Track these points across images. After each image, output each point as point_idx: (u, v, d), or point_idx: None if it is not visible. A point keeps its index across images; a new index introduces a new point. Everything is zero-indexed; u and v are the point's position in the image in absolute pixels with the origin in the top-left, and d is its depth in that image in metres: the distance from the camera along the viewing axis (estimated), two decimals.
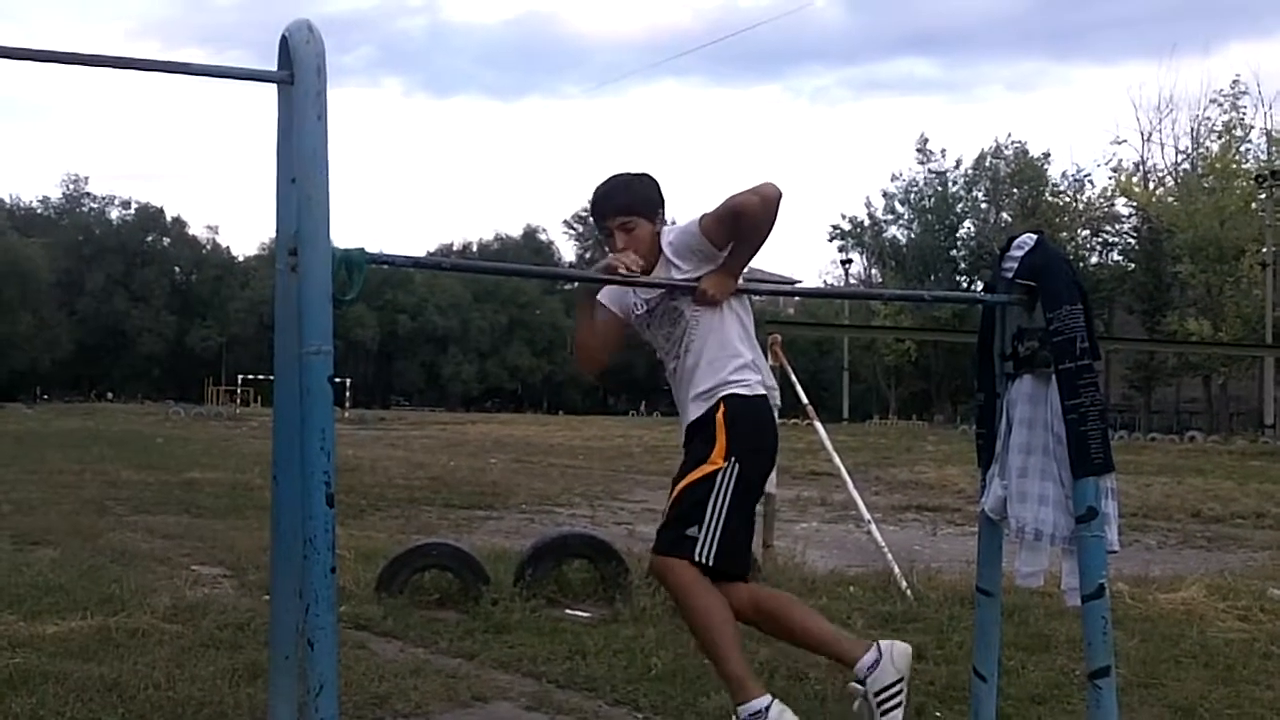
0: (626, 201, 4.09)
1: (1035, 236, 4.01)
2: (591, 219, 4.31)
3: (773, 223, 3.80)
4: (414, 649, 6.42)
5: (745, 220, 3.77)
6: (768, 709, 3.65)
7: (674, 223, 4.15)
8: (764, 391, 3.95)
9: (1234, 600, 8.00)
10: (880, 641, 3.87)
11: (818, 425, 8.98)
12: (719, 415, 3.83)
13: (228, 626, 6.54)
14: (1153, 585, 8.53)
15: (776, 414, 4.07)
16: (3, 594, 7.26)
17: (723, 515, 3.75)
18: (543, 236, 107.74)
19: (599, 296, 4.31)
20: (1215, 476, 22.05)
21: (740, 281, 3.96)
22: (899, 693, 3.80)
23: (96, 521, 11.75)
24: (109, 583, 7.78)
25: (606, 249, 4.18)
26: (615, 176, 4.21)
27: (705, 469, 3.78)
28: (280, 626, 3.39)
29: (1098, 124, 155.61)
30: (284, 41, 3.09)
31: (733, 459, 3.78)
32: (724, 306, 3.91)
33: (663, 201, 4.16)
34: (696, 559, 3.74)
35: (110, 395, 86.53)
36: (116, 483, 16.58)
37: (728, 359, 3.90)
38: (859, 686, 3.80)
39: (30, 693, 5.06)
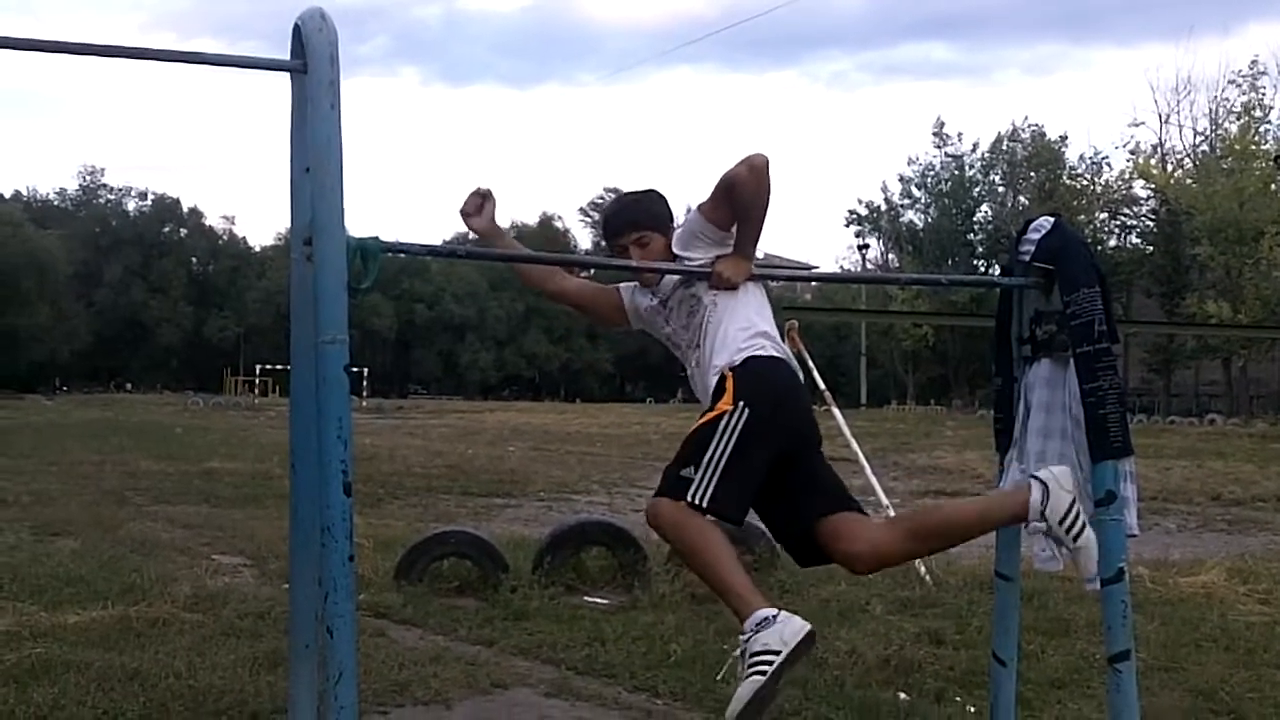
0: (637, 217, 4.08)
1: (1052, 219, 3.99)
2: (604, 241, 4.25)
3: (767, 191, 3.76)
4: (433, 636, 6.45)
5: (738, 191, 3.75)
6: (775, 616, 3.44)
7: (689, 210, 4.14)
8: (778, 355, 3.85)
9: (1255, 583, 7.98)
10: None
11: (835, 411, 8.97)
12: (728, 374, 3.73)
13: (248, 615, 6.57)
14: (1173, 569, 8.51)
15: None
16: (24, 584, 7.32)
17: (723, 458, 3.54)
18: (559, 224, 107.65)
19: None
20: (1235, 459, 21.97)
21: (756, 267, 3.95)
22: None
23: (117, 512, 11.81)
24: (129, 572, 7.82)
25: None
26: (625, 195, 4.26)
27: (710, 415, 3.64)
28: (300, 615, 3.40)
29: (1115, 106, 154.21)
30: (297, 30, 3.09)
31: (740, 403, 3.62)
32: (741, 290, 3.89)
33: (672, 216, 4.15)
34: (690, 500, 3.51)
35: (129, 386, 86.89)
36: (136, 473, 16.66)
37: (741, 333, 3.84)
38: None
39: (52, 682, 5.10)
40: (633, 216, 4.09)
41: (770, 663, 3.31)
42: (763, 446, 3.62)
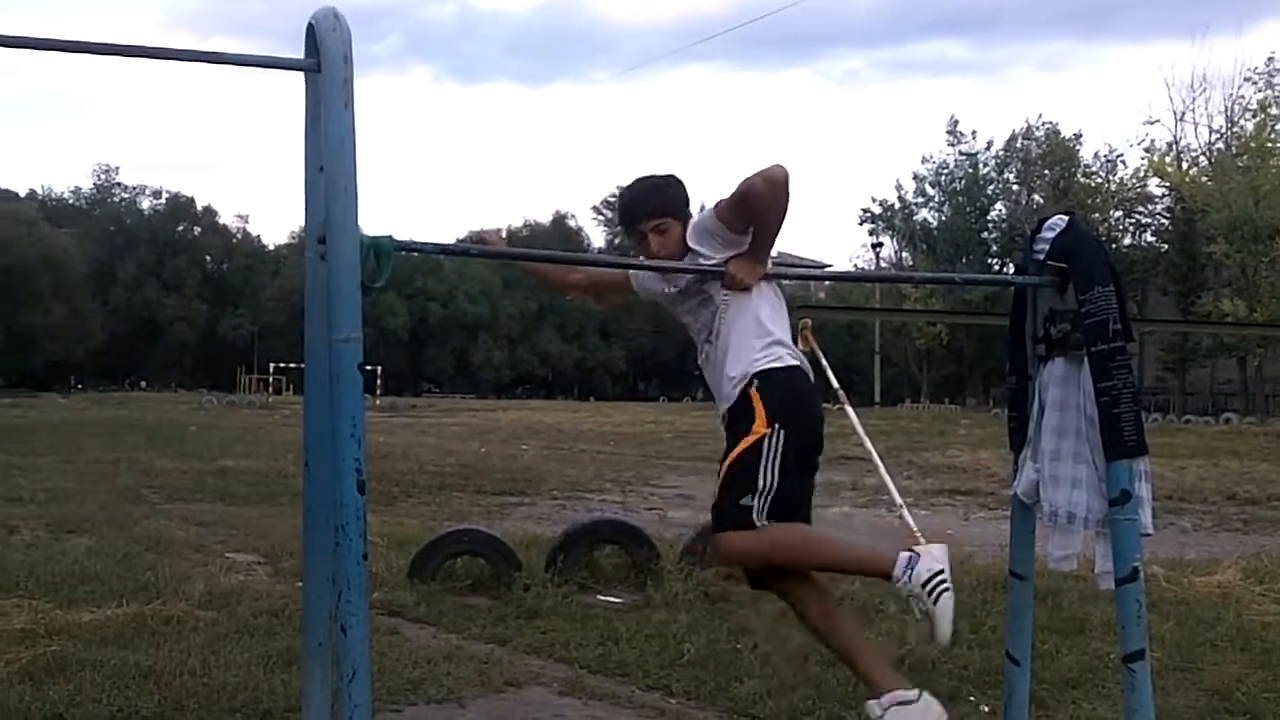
0: (658, 204, 4.05)
1: (1067, 218, 3.98)
2: (621, 225, 4.24)
3: (784, 205, 3.77)
4: (447, 635, 6.45)
5: (754, 204, 3.76)
6: (914, 566, 3.68)
7: (703, 208, 4.11)
8: (796, 363, 3.91)
9: (1271, 583, 7.94)
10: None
11: (849, 410, 8.95)
12: (753, 391, 3.80)
13: (262, 613, 6.58)
14: (1188, 568, 8.48)
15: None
16: (40, 582, 7.34)
17: (775, 481, 3.70)
18: (572, 223, 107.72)
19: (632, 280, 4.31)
20: (1251, 459, 21.89)
21: (770, 266, 3.94)
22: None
23: (131, 510, 11.85)
24: (144, 570, 7.85)
25: (636, 253, 4.16)
26: (642, 180, 4.17)
27: (750, 439, 3.74)
28: (313, 613, 3.40)
29: (1130, 104, 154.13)
30: (310, 30, 3.09)
31: (776, 425, 3.74)
32: (754, 290, 3.89)
33: (688, 202, 4.14)
34: (757, 526, 3.68)
35: (144, 384, 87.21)
36: (151, 471, 16.71)
37: (755, 339, 3.87)
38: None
39: (68, 680, 5.11)
40: (653, 203, 4.06)
41: (943, 583, 3.69)
42: (803, 459, 3.82)
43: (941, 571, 3.69)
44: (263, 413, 45.91)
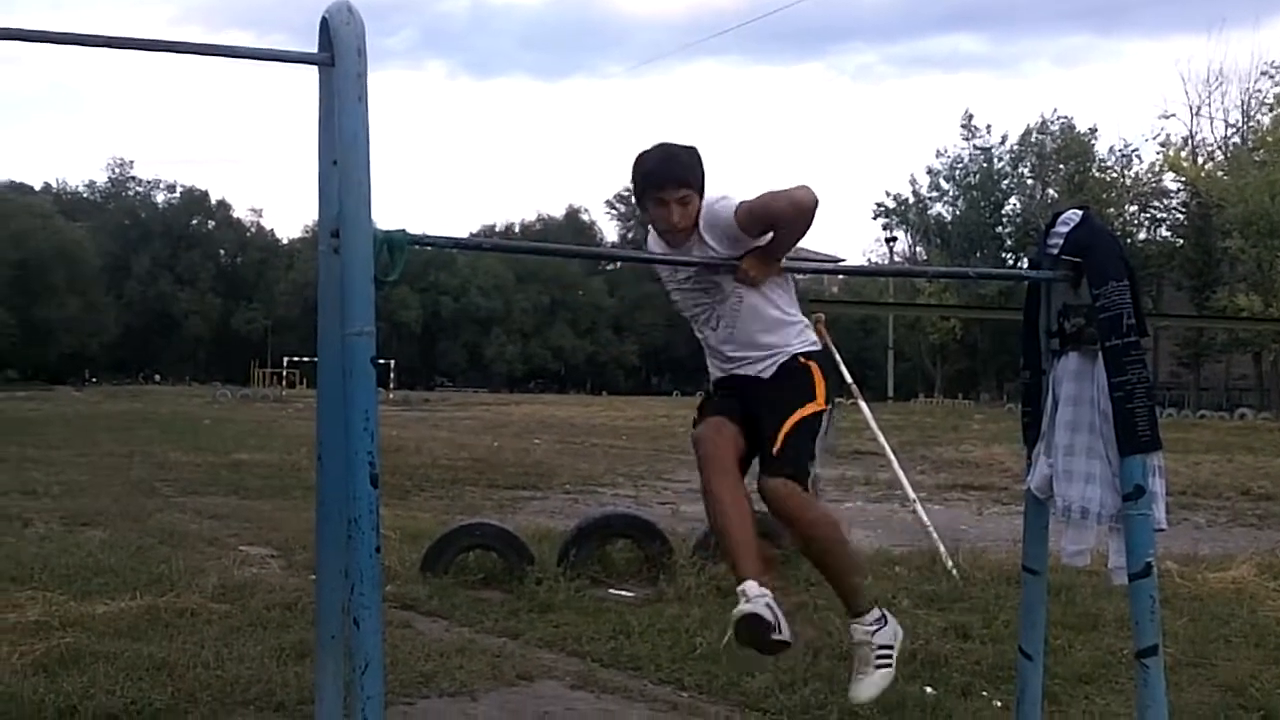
0: (685, 175, 3.95)
1: (1081, 212, 3.96)
2: (640, 189, 4.06)
3: (806, 228, 3.82)
4: (459, 628, 6.46)
5: (776, 221, 3.79)
6: (886, 616, 3.98)
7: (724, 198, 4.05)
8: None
9: None
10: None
11: (862, 404, 8.95)
12: (813, 365, 4.02)
13: (275, 606, 6.60)
14: (1202, 564, 8.46)
15: None
16: (54, 574, 7.37)
17: (815, 450, 3.99)
18: (585, 217, 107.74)
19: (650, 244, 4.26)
20: (1266, 454, 21.84)
21: (784, 260, 3.95)
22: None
23: (145, 503, 11.89)
24: (158, 563, 7.87)
25: (652, 223, 4.06)
26: (665, 146, 4.04)
27: (813, 408, 3.95)
28: (326, 606, 3.41)
29: (1145, 98, 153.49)
30: (324, 23, 3.10)
31: (829, 407, 4.10)
32: (768, 284, 3.91)
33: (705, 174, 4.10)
34: (809, 482, 3.94)
35: (158, 378, 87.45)
36: (164, 464, 16.77)
37: (788, 324, 4.03)
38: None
39: (81, 671, 5.13)
40: (682, 173, 3.96)
41: (891, 658, 3.93)
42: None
43: (893, 648, 3.95)
44: (276, 406, 46.02)
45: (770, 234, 3.84)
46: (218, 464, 16.88)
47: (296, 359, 66.25)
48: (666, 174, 3.95)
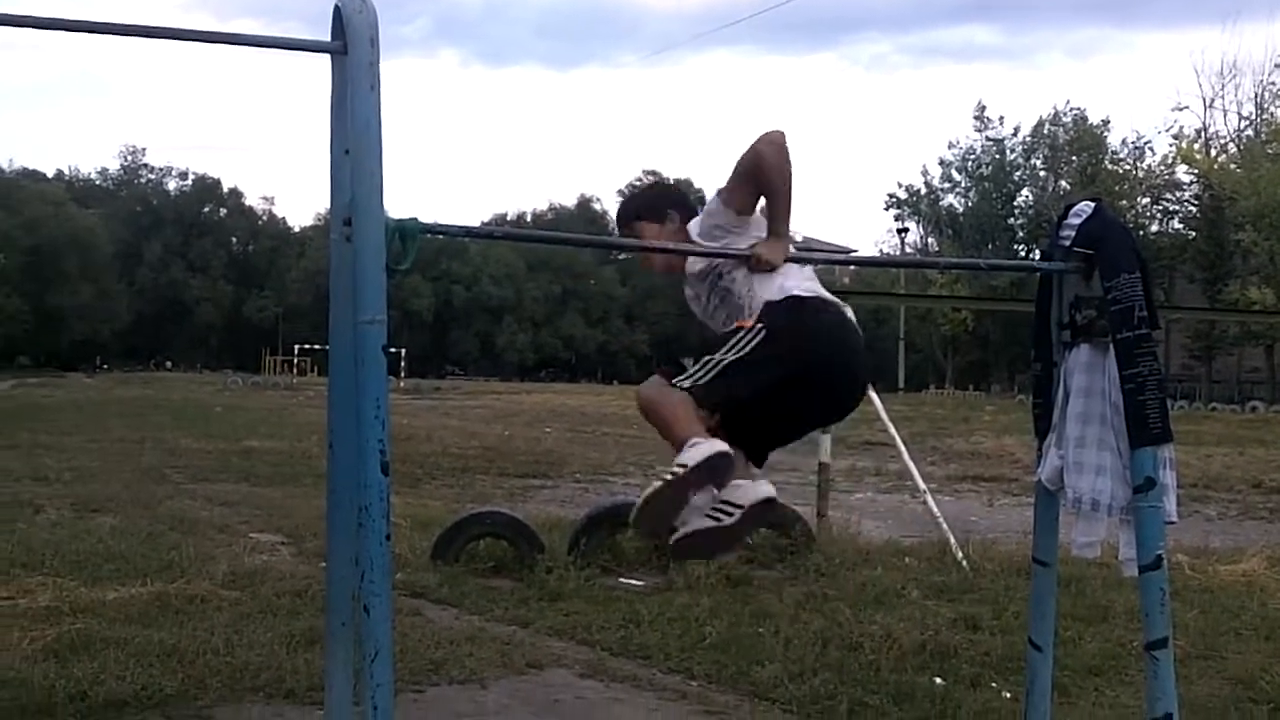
0: (634, 209, 4.16)
1: (1093, 204, 3.95)
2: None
3: (790, 165, 3.73)
4: (469, 616, 6.48)
5: (764, 169, 3.71)
6: (700, 442, 3.53)
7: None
8: (825, 298, 3.83)
9: None
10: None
11: (873, 395, 8.93)
12: (764, 303, 3.73)
13: (285, 593, 6.62)
14: (1212, 556, 8.44)
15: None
16: (65, 560, 7.39)
17: (724, 362, 3.60)
18: (597, 206, 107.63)
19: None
20: (1278, 447, 21.77)
21: (795, 250, 3.92)
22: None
23: (156, 489, 11.92)
24: (168, 550, 7.89)
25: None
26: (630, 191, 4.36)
27: (729, 330, 3.71)
28: (336, 593, 3.42)
29: (1159, 90, 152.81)
30: (337, 11, 3.09)
31: (760, 325, 3.64)
32: (779, 271, 3.86)
33: (675, 204, 4.13)
34: (674, 384, 3.63)
35: (169, 364, 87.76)
36: (175, 451, 16.81)
37: (786, 281, 3.77)
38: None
39: (92, 657, 5.15)
40: (629, 210, 4.19)
41: (675, 474, 3.55)
42: (772, 367, 3.62)
43: (685, 465, 3.55)
44: (287, 394, 46.10)
45: (763, 199, 3.81)
46: (228, 451, 16.92)
47: (308, 347, 66.35)
48: (619, 215, 4.22)
